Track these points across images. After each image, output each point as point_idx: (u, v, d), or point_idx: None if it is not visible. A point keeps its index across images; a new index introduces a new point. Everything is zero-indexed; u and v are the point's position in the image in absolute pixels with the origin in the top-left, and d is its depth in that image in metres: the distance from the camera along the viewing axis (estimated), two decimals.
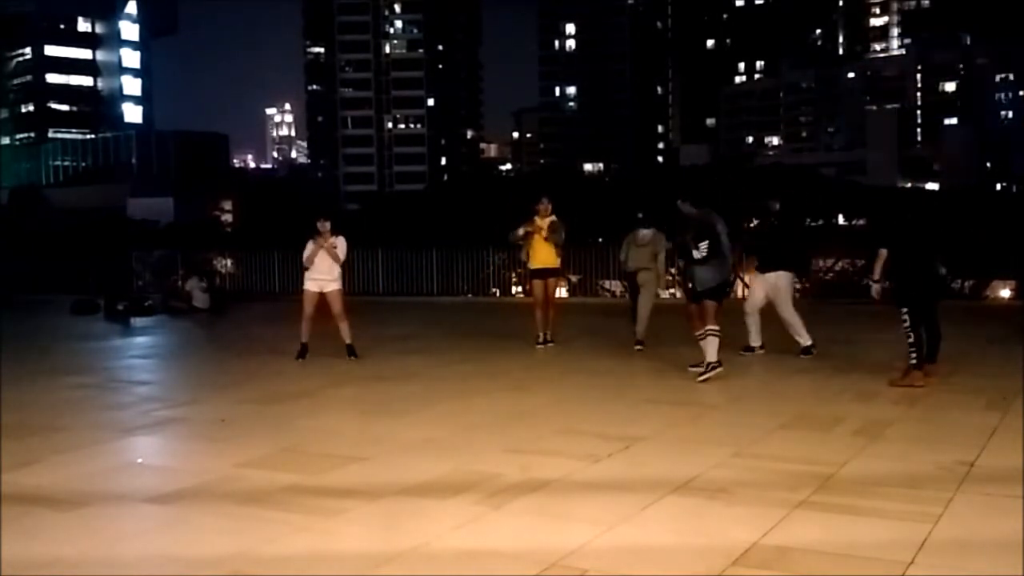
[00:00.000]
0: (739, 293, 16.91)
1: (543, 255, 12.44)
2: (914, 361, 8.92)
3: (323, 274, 11.47)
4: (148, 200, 70.52)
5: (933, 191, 77.66)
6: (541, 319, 12.59)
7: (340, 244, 11.51)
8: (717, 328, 9.66)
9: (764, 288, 11.27)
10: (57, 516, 5.41)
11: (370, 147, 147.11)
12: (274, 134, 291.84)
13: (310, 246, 11.54)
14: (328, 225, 11.49)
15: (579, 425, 7.62)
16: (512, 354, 12.12)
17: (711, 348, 9.60)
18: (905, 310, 8.92)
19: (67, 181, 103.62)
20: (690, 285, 9.98)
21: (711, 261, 9.69)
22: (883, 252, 9.19)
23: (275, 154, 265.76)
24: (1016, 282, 21.81)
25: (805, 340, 11.05)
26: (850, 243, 25.73)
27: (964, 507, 5.25)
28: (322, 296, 11.53)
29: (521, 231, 12.43)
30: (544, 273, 12.54)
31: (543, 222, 12.39)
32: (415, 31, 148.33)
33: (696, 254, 9.68)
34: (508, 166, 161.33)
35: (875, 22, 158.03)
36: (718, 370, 9.56)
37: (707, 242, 9.64)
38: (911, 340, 8.91)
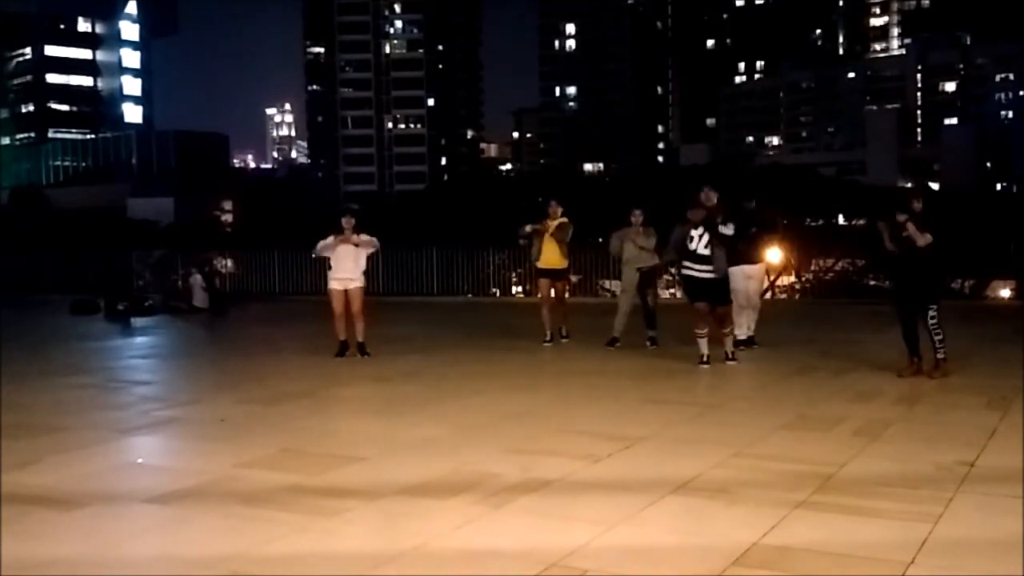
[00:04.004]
0: None
1: (549, 255, 12.54)
2: (944, 355, 9.28)
3: (347, 272, 11.53)
4: (148, 200, 70.76)
5: (933, 191, 77.61)
6: (548, 318, 12.71)
7: (363, 239, 11.57)
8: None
9: (743, 279, 11.45)
10: (57, 516, 5.40)
11: (370, 147, 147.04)
12: (274, 134, 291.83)
13: (330, 239, 11.56)
14: (352, 222, 11.57)
15: (579, 425, 7.61)
16: (512, 354, 12.12)
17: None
18: (936, 307, 9.18)
19: (67, 181, 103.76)
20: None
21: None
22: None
23: (275, 154, 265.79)
24: (1016, 282, 21.81)
25: (745, 333, 11.50)
26: (850, 243, 25.73)
27: (964, 507, 5.24)
28: (346, 293, 11.55)
29: (528, 228, 12.58)
30: (550, 273, 12.64)
31: (552, 224, 12.47)
32: (415, 31, 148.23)
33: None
34: (508, 166, 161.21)
35: (875, 22, 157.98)
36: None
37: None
38: (941, 336, 9.23)
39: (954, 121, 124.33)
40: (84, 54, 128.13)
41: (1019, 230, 22.77)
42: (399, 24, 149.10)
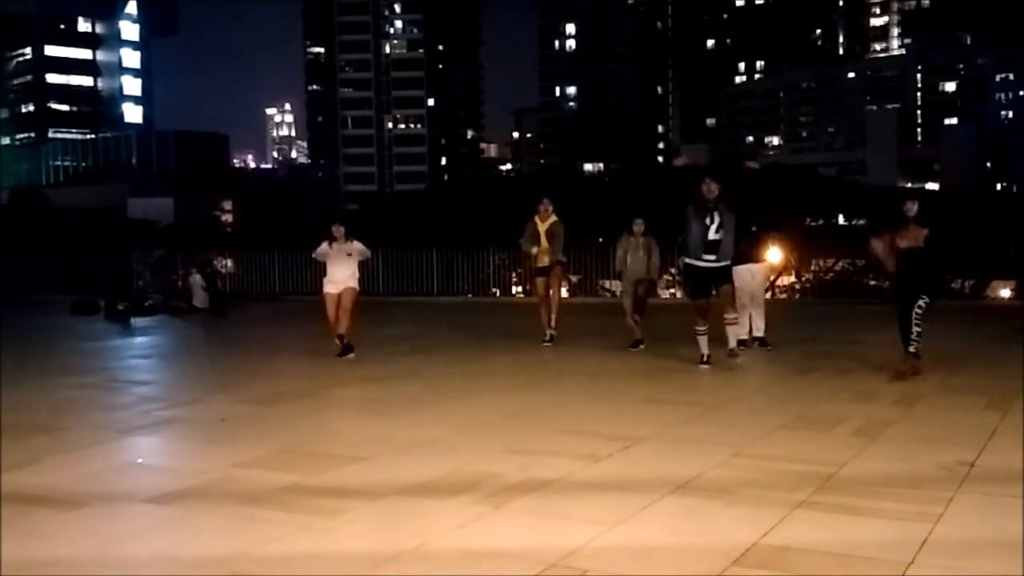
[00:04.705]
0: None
1: (541, 254, 12.58)
2: (915, 350, 9.20)
3: (340, 276, 11.69)
4: (148, 200, 70.80)
5: (933, 191, 77.64)
6: (547, 318, 12.72)
7: (356, 248, 11.76)
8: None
9: (749, 277, 11.54)
10: (57, 516, 5.40)
11: (370, 147, 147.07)
12: (274, 134, 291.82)
13: (324, 246, 11.78)
14: (342, 230, 11.80)
15: (579, 425, 7.61)
16: (512, 354, 12.12)
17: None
18: (928, 300, 9.15)
19: (67, 181, 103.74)
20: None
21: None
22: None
23: (275, 154, 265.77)
24: (1016, 282, 21.80)
25: (743, 335, 11.48)
26: (850, 243, 25.73)
27: (964, 507, 5.24)
28: (339, 296, 11.68)
29: (535, 250, 12.61)
30: (542, 271, 12.69)
31: (543, 225, 12.48)
32: (415, 31, 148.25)
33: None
34: (508, 166, 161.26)
35: (875, 22, 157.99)
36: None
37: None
38: (920, 330, 9.17)
39: (954, 121, 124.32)
40: (84, 54, 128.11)
41: (1019, 230, 22.77)
42: (399, 24, 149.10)
